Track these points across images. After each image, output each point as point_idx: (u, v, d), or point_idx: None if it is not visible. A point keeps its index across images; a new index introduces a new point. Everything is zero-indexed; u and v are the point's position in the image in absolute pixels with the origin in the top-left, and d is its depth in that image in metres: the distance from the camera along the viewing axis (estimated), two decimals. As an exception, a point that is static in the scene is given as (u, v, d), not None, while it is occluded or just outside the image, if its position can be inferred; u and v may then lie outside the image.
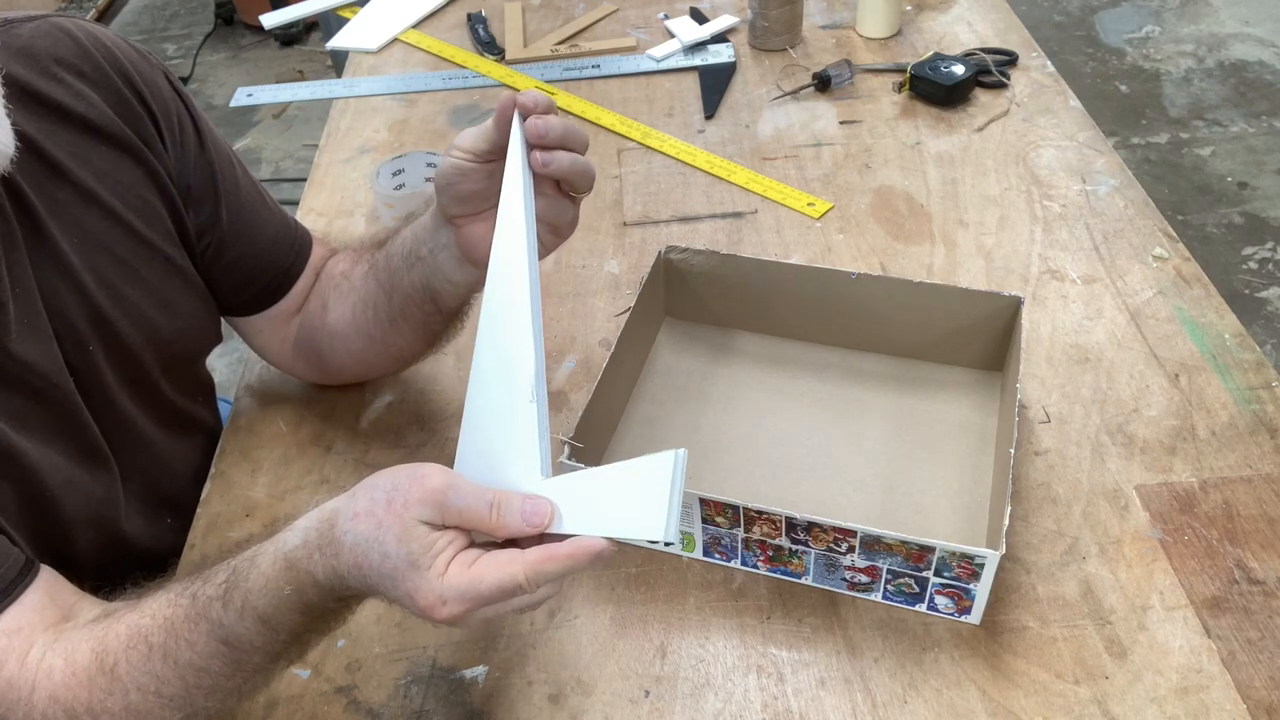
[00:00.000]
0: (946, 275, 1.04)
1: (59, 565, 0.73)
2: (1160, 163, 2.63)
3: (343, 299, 0.88)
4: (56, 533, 0.75)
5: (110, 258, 0.76)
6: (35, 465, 0.71)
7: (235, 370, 2.26)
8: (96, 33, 0.78)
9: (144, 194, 0.78)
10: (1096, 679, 0.71)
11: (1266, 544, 0.78)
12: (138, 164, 0.78)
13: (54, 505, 0.73)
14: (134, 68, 0.78)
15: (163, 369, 0.83)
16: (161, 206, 0.80)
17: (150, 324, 0.80)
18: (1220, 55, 3.00)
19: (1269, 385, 0.90)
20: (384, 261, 0.84)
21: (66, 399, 0.74)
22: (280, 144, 2.99)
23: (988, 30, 1.42)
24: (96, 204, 0.75)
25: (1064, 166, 1.17)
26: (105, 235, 0.76)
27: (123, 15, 3.78)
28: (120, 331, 0.77)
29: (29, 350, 0.70)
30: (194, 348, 0.88)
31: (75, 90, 0.75)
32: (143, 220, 0.78)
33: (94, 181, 0.75)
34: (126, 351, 0.78)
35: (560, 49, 1.46)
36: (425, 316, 0.84)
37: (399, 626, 0.78)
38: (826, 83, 1.32)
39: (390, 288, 0.84)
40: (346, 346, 0.89)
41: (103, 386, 0.77)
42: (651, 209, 1.17)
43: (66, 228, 0.73)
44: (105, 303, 0.76)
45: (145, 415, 0.83)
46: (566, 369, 0.98)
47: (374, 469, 0.89)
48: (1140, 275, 1.02)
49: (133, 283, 0.78)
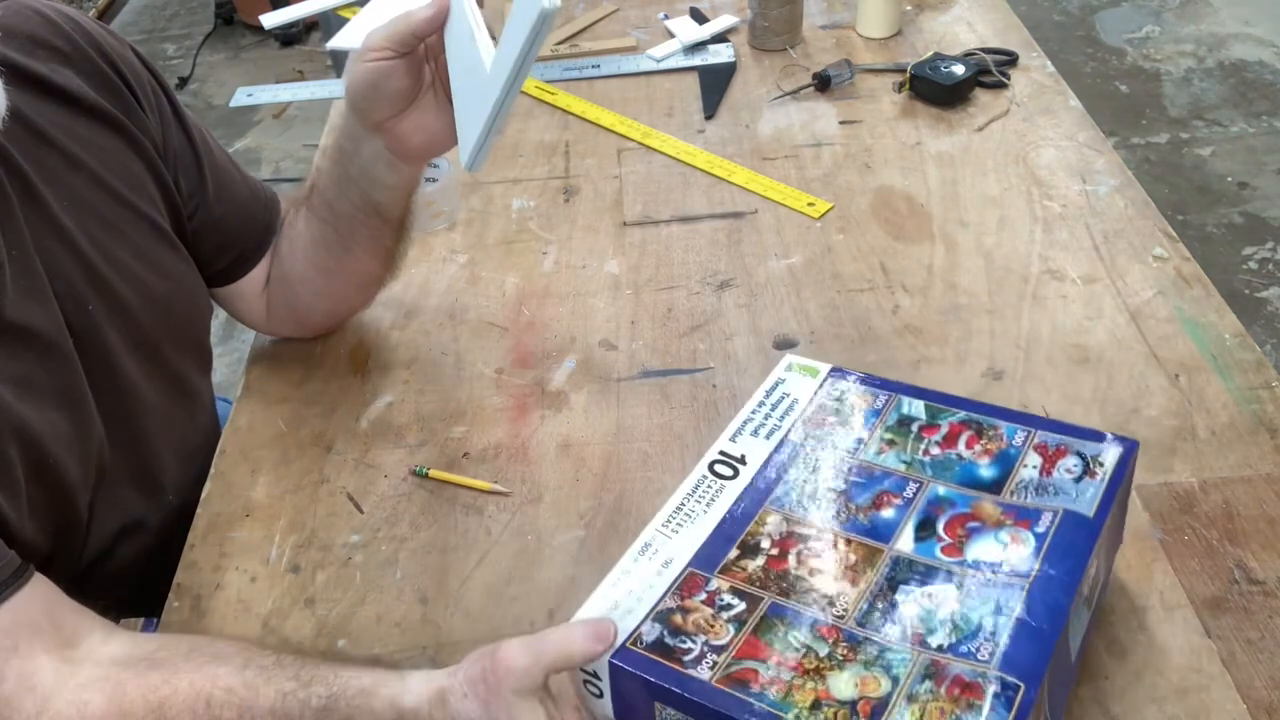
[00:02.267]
0: (946, 275, 1.04)
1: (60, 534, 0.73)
2: (1160, 163, 2.63)
3: (294, 247, 0.92)
4: (59, 498, 0.76)
5: (100, 221, 0.78)
6: (38, 430, 0.72)
7: (235, 370, 2.27)
8: (66, 11, 0.80)
9: (126, 161, 0.81)
10: (1096, 679, 0.71)
11: (1266, 544, 0.78)
12: (118, 133, 0.80)
13: (56, 470, 0.74)
14: (105, 41, 0.81)
15: (164, 331, 0.84)
16: (145, 173, 0.82)
17: (143, 283, 0.81)
18: (1220, 55, 3.00)
19: (1269, 385, 0.90)
20: (317, 199, 0.89)
21: (67, 360, 0.75)
22: (280, 144, 2.99)
23: (988, 30, 1.42)
24: (83, 170, 0.77)
25: (1064, 166, 1.17)
26: (93, 199, 0.78)
27: (123, 15, 3.78)
28: (117, 291, 0.79)
29: (28, 311, 0.72)
30: (190, 310, 0.89)
31: (52, 65, 0.77)
32: (127, 185, 0.80)
33: (79, 149, 0.77)
34: (126, 312, 0.80)
35: (560, 49, 1.46)
36: (373, 233, 0.88)
37: (398, 627, 0.78)
38: (826, 83, 1.32)
39: (333, 218, 0.87)
40: (310, 289, 0.94)
41: (104, 348, 0.79)
42: (651, 209, 1.17)
43: (57, 193, 0.75)
44: (100, 263, 0.78)
45: (148, 379, 0.84)
46: (567, 369, 0.98)
47: (374, 469, 0.90)
48: (1140, 275, 1.02)
49: (121, 245, 0.80)
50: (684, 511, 0.70)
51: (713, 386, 0.95)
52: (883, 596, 0.64)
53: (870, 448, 0.74)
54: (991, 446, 0.72)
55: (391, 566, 0.82)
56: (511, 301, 1.06)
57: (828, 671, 0.59)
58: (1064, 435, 0.72)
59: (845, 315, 1.01)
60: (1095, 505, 0.67)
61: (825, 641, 0.61)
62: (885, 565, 0.66)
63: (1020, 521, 0.67)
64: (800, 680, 0.59)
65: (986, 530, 0.67)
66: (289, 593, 0.81)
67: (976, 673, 0.58)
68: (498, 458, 0.90)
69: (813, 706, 0.57)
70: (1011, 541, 0.65)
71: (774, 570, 0.66)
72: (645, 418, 0.93)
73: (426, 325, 1.04)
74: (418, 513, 0.86)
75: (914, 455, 0.73)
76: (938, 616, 0.62)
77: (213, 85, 3.31)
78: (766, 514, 0.70)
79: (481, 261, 1.11)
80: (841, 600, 0.64)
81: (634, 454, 0.89)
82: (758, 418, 0.77)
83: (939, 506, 0.69)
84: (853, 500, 0.70)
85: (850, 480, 0.72)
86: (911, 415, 0.76)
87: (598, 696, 0.63)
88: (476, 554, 0.83)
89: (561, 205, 1.18)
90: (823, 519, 0.69)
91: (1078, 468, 0.69)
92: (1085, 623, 0.68)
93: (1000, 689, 0.57)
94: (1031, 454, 0.71)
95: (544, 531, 0.84)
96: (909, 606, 0.63)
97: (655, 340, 1.00)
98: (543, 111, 1.34)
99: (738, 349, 0.98)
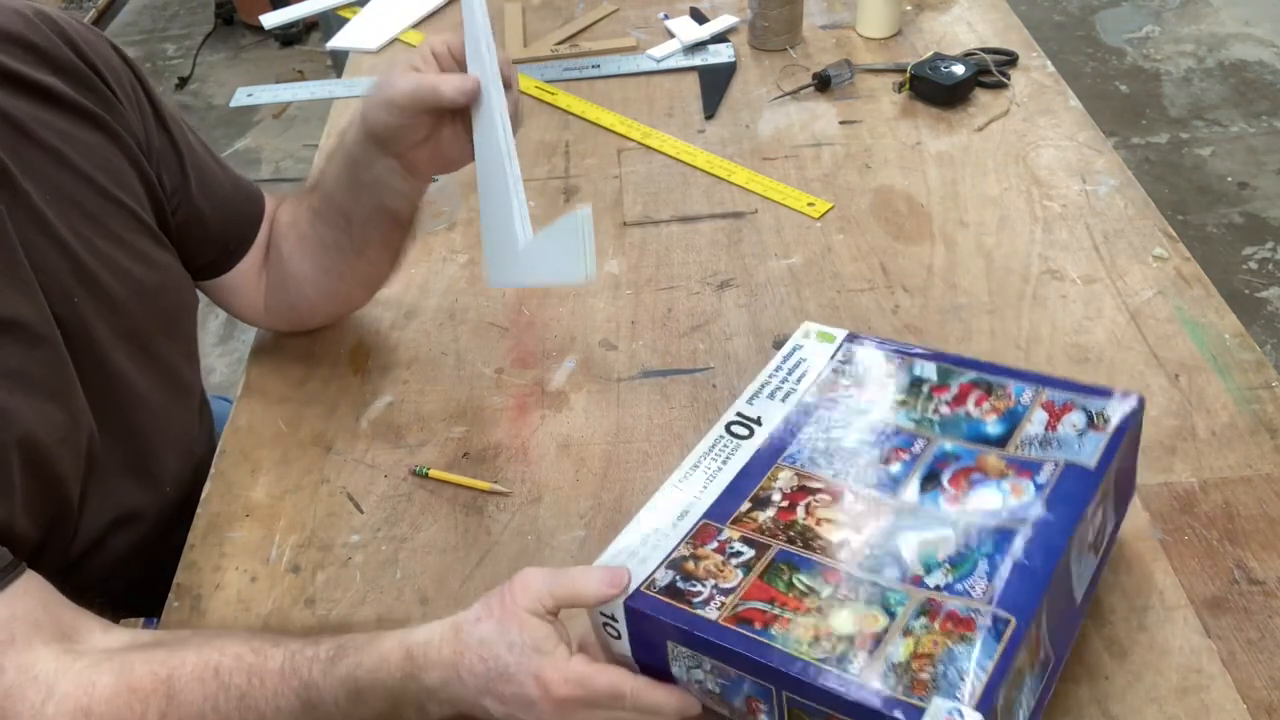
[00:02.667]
0: (946, 275, 1.04)
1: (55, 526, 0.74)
2: (1160, 163, 2.63)
3: (300, 248, 0.93)
4: (53, 492, 0.76)
5: (83, 214, 0.78)
6: (30, 422, 0.72)
7: (235, 370, 2.27)
8: (45, 10, 0.80)
9: (108, 156, 0.81)
10: (1096, 679, 0.71)
11: (1266, 544, 0.78)
12: (98, 129, 0.80)
13: (49, 461, 0.74)
14: (82, 39, 0.81)
15: (153, 322, 0.85)
16: (128, 167, 0.82)
17: (129, 275, 0.81)
18: (1220, 55, 3.00)
19: (1269, 385, 0.90)
20: (324, 203, 0.89)
21: (55, 353, 0.75)
22: (280, 144, 2.99)
23: (988, 30, 1.42)
24: (65, 164, 0.77)
25: (1064, 166, 1.17)
26: (76, 193, 0.78)
27: (123, 15, 3.78)
28: (103, 282, 0.79)
29: (13, 304, 0.72)
30: (177, 302, 0.89)
31: (30, 64, 0.77)
32: (109, 179, 0.80)
33: (60, 143, 0.77)
34: (113, 303, 0.80)
35: (560, 49, 1.46)
36: (387, 235, 0.90)
37: (399, 626, 0.78)
38: (826, 83, 1.32)
39: (346, 224, 0.89)
40: (318, 290, 0.95)
41: (91, 340, 0.79)
42: (651, 209, 1.17)
43: (39, 186, 0.75)
44: (85, 255, 0.78)
45: (139, 371, 0.84)
46: (567, 369, 0.98)
47: (374, 469, 0.90)
48: (1140, 275, 1.02)
49: (105, 238, 0.80)
50: (700, 469, 0.74)
51: (713, 386, 0.95)
52: (884, 543, 0.66)
53: (882, 407, 0.76)
54: (999, 405, 0.74)
55: (391, 566, 0.82)
56: (511, 301, 1.06)
57: (829, 610, 0.62)
58: (1071, 393, 0.73)
59: (845, 315, 1.01)
60: (1098, 457, 0.68)
61: (828, 584, 0.64)
62: (890, 515, 0.68)
63: (1022, 473, 0.69)
64: (802, 618, 0.62)
65: (989, 481, 0.69)
66: (289, 593, 0.81)
67: (970, 609, 0.60)
68: (498, 458, 0.90)
69: (813, 641, 0.60)
70: (1012, 491, 0.67)
71: (783, 521, 0.69)
72: (645, 418, 0.93)
73: (426, 325, 1.04)
74: (418, 513, 0.86)
75: (924, 414, 0.75)
76: (936, 558, 0.64)
77: (213, 85, 3.31)
78: (779, 470, 0.73)
79: (481, 261, 1.11)
80: (846, 547, 0.66)
81: (634, 454, 0.89)
82: (774, 381, 0.80)
83: (944, 461, 0.71)
84: (861, 456, 0.73)
85: (860, 438, 0.74)
86: (923, 377, 0.78)
87: (616, 638, 0.66)
88: (476, 554, 0.83)
89: (561, 205, 1.18)
90: (832, 474, 0.72)
91: (1082, 422, 0.71)
92: (1092, 568, 0.69)
93: (992, 623, 0.59)
94: (1039, 411, 0.73)
95: (544, 531, 0.84)
96: (909, 550, 0.65)
97: (655, 340, 1.00)
98: (543, 111, 1.34)
99: (738, 349, 0.98)
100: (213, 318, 2.36)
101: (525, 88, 1.38)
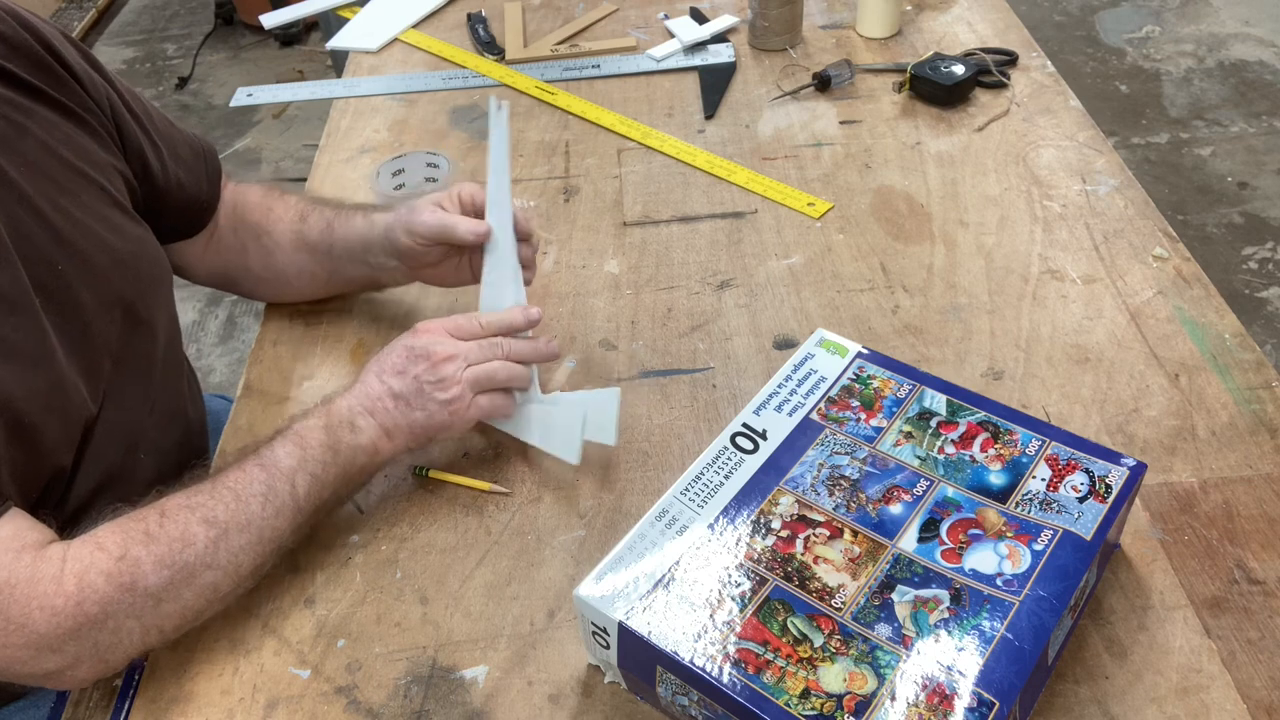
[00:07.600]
0: (946, 275, 1.04)
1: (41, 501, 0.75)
2: (1160, 163, 2.63)
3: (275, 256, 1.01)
4: (39, 464, 0.76)
5: (57, 186, 0.80)
6: (10, 390, 0.72)
7: (235, 370, 2.27)
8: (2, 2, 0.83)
9: (73, 135, 0.83)
10: (1096, 679, 0.71)
11: (1266, 544, 0.78)
12: (64, 115, 0.83)
13: (35, 429, 0.74)
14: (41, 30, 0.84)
15: (135, 291, 0.86)
16: (94, 146, 0.85)
17: (106, 244, 0.83)
18: (1220, 55, 3.00)
19: (1269, 385, 0.90)
20: (324, 248, 0.98)
21: (34, 321, 0.75)
22: (280, 144, 2.99)
23: (988, 30, 1.42)
24: (31, 137, 0.80)
25: (1064, 166, 1.17)
26: (48, 167, 0.80)
27: (123, 15, 3.78)
28: (84, 250, 0.81)
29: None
30: (155, 271, 0.91)
31: None
32: (76, 156, 0.83)
33: (24, 118, 0.80)
34: (96, 270, 0.81)
35: (560, 49, 1.46)
36: (361, 288, 1.05)
37: (399, 626, 0.78)
38: (826, 83, 1.32)
39: (329, 270, 1.00)
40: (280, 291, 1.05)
41: (79, 305, 0.80)
42: (651, 209, 1.17)
43: (12, 160, 0.77)
44: (64, 225, 0.80)
45: (126, 337, 0.85)
46: (567, 369, 0.98)
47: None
48: (1140, 275, 1.02)
49: (81, 209, 0.82)
50: (702, 481, 0.74)
51: (713, 386, 0.95)
52: (880, 594, 0.66)
53: (888, 438, 0.76)
54: (1005, 452, 0.74)
55: (391, 566, 0.82)
56: (511, 301, 1.06)
57: (820, 663, 0.62)
58: (1076, 450, 0.73)
59: (845, 315, 1.01)
60: (1094, 529, 0.68)
61: (821, 632, 0.64)
62: (886, 562, 0.68)
63: (1020, 535, 0.69)
64: (794, 668, 0.62)
65: (986, 540, 0.69)
66: (289, 592, 0.81)
67: (954, 685, 0.61)
68: (498, 458, 0.90)
69: (802, 695, 0.61)
70: (1009, 555, 0.67)
71: (781, 554, 0.69)
72: (645, 418, 0.93)
73: (426, 325, 1.04)
74: (418, 513, 0.86)
75: (929, 451, 0.75)
76: (929, 621, 0.64)
77: (213, 85, 3.31)
78: (780, 493, 0.73)
79: (481, 261, 1.11)
80: (841, 593, 0.66)
81: (634, 454, 0.89)
82: (783, 393, 0.80)
83: (945, 509, 0.71)
84: (864, 490, 0.72)
85: (864, 470, 0.74)
86: (932, 410, 0.78)
87: (605, 648, 0.67)
88: (476, 554, 0.83)
89: (561, 205, 1.18)
90: (832, 506, 0.72)
91: (1084, 486, 0.71)
92: (1068, 628, 0.69)
93: (975, 704, 0.60)
94: (1042, 465, 0.73)
95: (544, 531, 0.84)
96: (902, 607, 0.65)
97: (655, 340, 1.00)
98: (543, 111, 1.35)
99: (738, 349, 0.98)
100: (213, 318, 2.36)
101: (525, 87, 1.39)
